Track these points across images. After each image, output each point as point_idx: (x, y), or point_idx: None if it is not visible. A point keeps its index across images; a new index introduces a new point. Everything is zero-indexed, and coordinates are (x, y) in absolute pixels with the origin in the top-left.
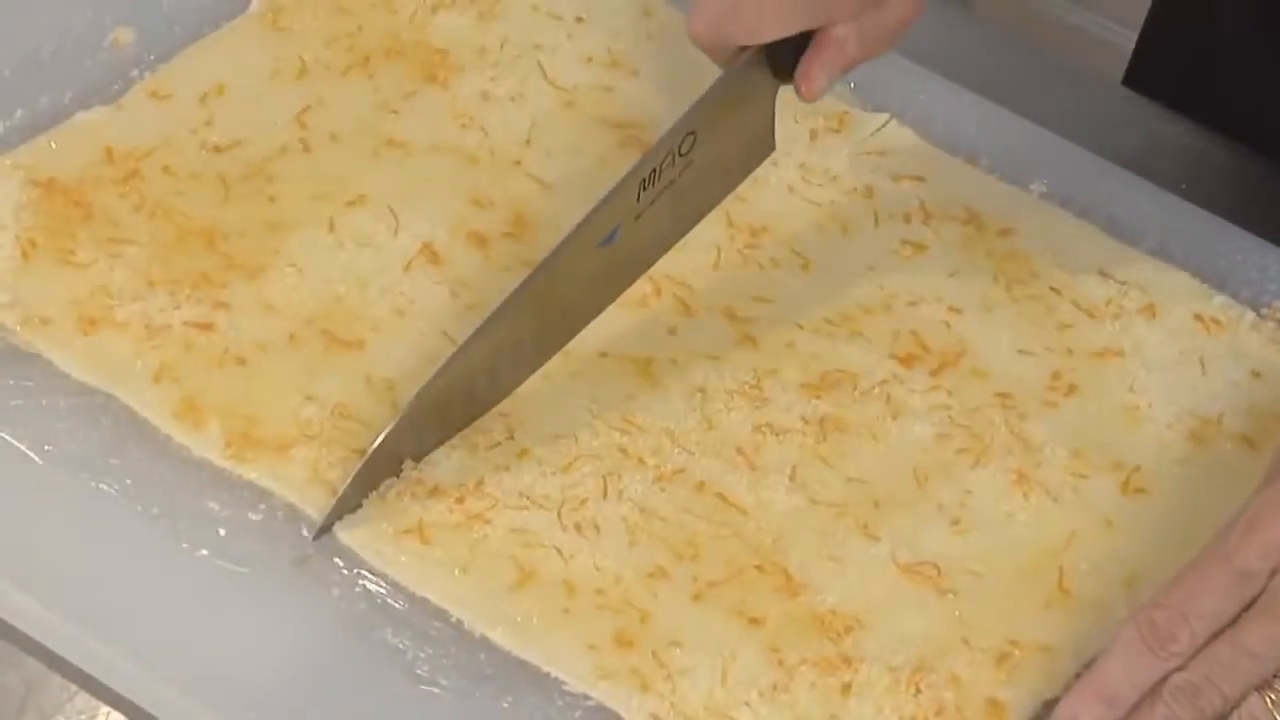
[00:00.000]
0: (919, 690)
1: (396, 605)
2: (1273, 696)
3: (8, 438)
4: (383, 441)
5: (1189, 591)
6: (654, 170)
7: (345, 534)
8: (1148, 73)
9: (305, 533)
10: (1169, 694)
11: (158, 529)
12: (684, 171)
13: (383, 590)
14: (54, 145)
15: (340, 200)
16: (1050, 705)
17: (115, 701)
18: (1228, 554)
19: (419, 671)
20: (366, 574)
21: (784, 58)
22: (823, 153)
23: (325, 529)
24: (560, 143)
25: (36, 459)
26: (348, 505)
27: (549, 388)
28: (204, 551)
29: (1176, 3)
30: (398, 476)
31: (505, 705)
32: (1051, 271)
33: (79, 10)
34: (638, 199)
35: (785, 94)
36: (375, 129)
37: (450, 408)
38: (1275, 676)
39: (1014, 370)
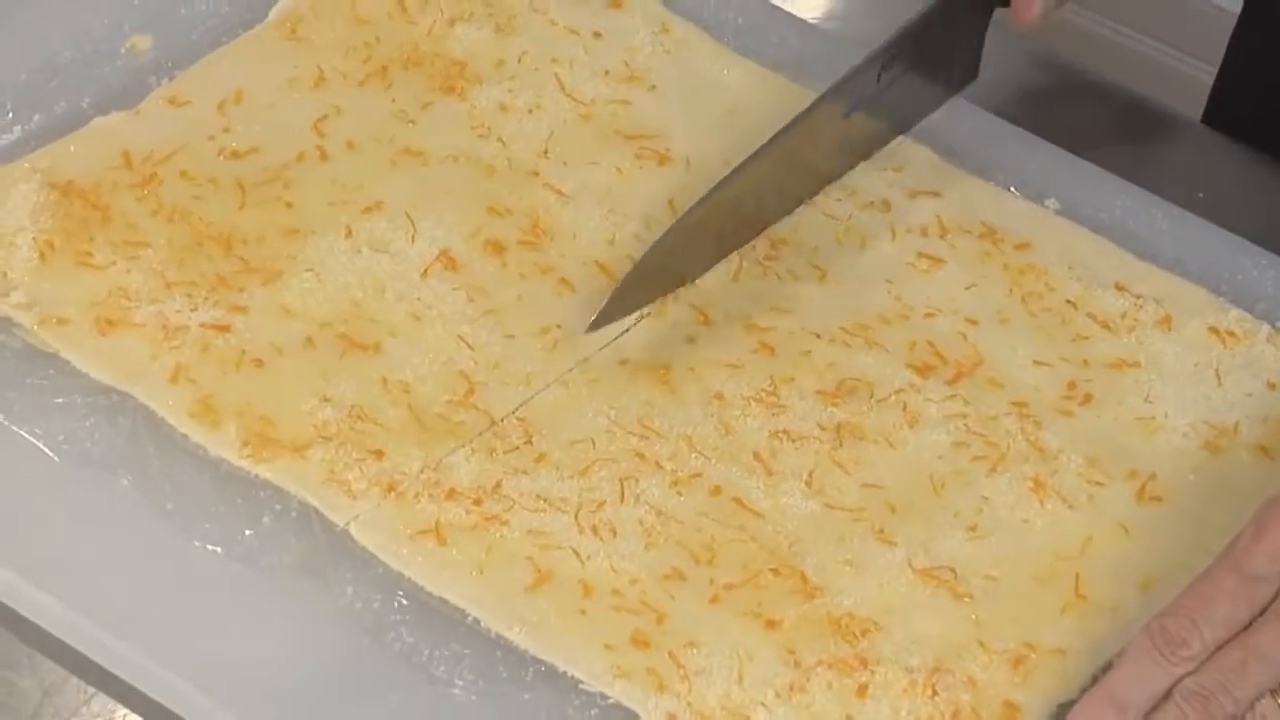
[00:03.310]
0: (935, 692)
1: (412, 605)
2: None
3: (25, 435)
4: (649, 253)
5: (1200, 598)
6: (890, 58)
7: (361, 534)
8: (1227, 109)
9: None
10: (1180, 697)
11: (173, 528)
12: (903, 75)
13: (399, 591)
14: (72, 149)
15: (357, 207)
16: (1065, 708)
17: (132, 702)
18: (1237, 560)
19: (435, 671)
20: (381, 574)
21: None
22: None
23: (597, 326)
24: (577, 154)
25: (54, 457)
26: (619, 309)
27: (568, 394)
28: (219, 550)
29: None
30: (674, 296)
31: (521, 704)
32: (1067, 285)
33: (97, 17)
34: (877, 80)
35: None
36: (392, 138)
37: (716, 228)
38: None
39: (1030, 380)
